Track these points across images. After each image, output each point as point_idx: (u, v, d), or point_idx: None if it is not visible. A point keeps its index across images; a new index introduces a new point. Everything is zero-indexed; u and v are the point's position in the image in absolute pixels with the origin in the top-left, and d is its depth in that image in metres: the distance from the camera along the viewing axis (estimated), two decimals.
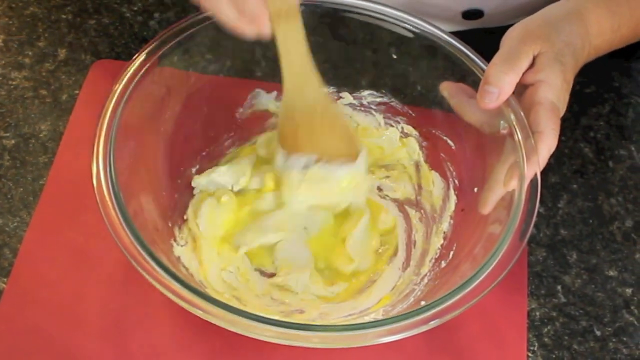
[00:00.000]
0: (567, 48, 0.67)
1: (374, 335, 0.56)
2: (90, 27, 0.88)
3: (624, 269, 0.75)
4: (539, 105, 0.64)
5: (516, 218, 0.61)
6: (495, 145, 0.68)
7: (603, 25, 0.71)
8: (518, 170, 0.63)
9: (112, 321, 0.68)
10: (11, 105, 0.81)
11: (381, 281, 0.71)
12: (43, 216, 0.73)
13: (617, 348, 0.71)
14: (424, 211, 0.76)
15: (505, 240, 0.60)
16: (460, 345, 0.69)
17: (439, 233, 0.73)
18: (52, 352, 0.67)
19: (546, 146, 0.64)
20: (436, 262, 0.70)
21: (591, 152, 0.83)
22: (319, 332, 0.57)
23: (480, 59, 0.70)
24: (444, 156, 0.76)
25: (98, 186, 0.60)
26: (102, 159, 0.61)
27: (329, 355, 0.67)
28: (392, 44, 0.76)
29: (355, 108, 0.80)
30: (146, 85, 0.67)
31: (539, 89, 0.65)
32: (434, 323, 0.57)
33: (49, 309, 0.68)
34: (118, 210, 0.59)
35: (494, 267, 0.59)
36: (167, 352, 0.67)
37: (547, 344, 0.70)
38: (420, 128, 0.78)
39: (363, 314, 0.68)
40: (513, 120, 0.65)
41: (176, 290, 0.56)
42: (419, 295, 0.67)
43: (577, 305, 0.73)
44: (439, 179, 0.76)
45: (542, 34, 0.67)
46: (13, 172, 0.76)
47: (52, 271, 0.70)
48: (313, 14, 0.74)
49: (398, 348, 0.68)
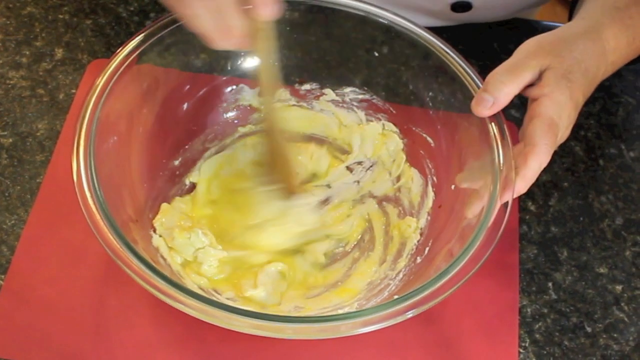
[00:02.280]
0: (578, 66, 0.67)
1: (348, 327, 0.57)
2: (87, 27, 0.88)
3: (614, 266, 0.76)
4: (537, 119, 0.64)
5: (491, 213, 0.62)
6: (471, 143, 0.69)
7: (620, 41, 0.70)
8: (512, 183, 0.63)
9: (110, 318, 0.68)
10: (8, 104, 0.81)
11: (357, 276, 0.72)
12: (40, 214, 0.73)
13: (607, 344, 0.71)
14: (403, 207, 0.76)
15: (479, 235, 0.61)
16: (453, 342, 0.70)
17: (416, 229, 0.73)
18: (49, 348, 0.67)
19: (537, 161, 0.63)
20: (412, 258, 0.71)
21: (582, 151, 0.83)
22: (293, 324, 0.57)
23: (458, 55, 0.71)
24: (423, 153, 0.77)
25: (78, 181, 0.61)
26: (82, 153, 0.62)
27: (323, 354, 0.68)
28: (374, 41, 0.77)
29: (337, 104, 0.81)
30: (126, 81, 0.68)
31: (541, 104, 0.64)
32: (409, 314, 0.58)
33: (46, 306, 0.69)
34: (97, 202, 0.60)
35: (468, 261, 0.60)
36: (162, 348, 0.68)
37: (539, 340, 0.71)
38: (400, 125, 0.79)
39: (337, 308, 0.68)
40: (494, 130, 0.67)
41: (150, 281, 0.57)
42: (393, 290, 0.68)
43: (567, 302, 0.73)
44: (417, 176, 0.77)
45: (553, 49, 0.67)
46: (10, 171, 0.77)
47: (49, 268, 0.70)
48: (296, 11, 0.75)
49: (390, 344, 0.69)
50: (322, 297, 0.69)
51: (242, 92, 0.80)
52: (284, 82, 0.80)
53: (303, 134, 0.81)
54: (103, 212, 0.60)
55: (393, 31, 0.74)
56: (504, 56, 0.68)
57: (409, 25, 0.73)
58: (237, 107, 0.80)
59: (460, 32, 0.90)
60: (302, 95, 0.81)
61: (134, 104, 0.70)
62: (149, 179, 0.72)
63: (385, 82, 0.79)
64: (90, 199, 0.60)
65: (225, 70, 0.78)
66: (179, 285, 0.57)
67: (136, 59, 0.69)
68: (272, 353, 0.68)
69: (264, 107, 0.70)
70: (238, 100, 0.80)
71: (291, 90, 0.81)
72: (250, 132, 0.80)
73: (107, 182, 0.62)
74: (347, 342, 0.68)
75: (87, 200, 0.60)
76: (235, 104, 0.80)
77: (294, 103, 0.81)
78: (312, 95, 0.81)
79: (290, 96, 0.81)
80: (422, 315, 0.70)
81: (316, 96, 0.81)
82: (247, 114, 0.80)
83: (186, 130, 0.69)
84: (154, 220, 0.71)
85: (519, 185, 0.63)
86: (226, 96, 0.79)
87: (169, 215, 0.71)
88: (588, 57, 0.68)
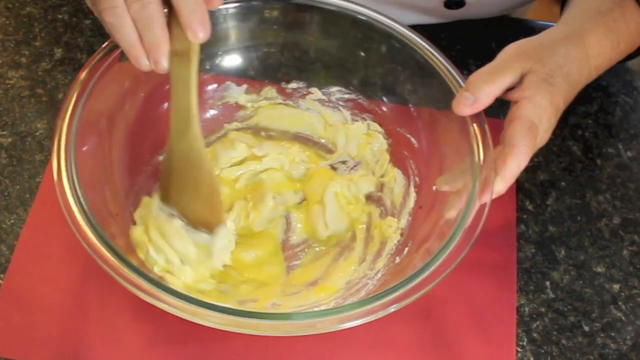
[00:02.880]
0: (560, 70, 0.67)
1: (324, 324, 0.57)
2: (86, 27, 0.89)
3: (611, 265, 0.76)
4: (517, 121, 0.64)
5: (469, 212, 0.63)
6: (453, 143, 0.70)
7: (603, 45, 0.71)
8: (490, 186, 0.63)
9: (110, 316, 0.69)
10: (8, 104, 0.81)
11: (335, 274, 0.72)
12: (39, 213, 0.74)
13: (605, 343, 0.71)
14: (385, 207, 0.76)
15: (456, 234, 0.62)
16: (450, 341, 0.70)
17: (397, 229, 0.73)
18: (49, 347, 0.67)
19: (515, 162, 0.63)
20: (391, 258, 0.71)
21: (579, 150, 0.83)
22: (271, 321, 0.57)
23: (443, 55, 0.72)
24: (407, 154, 0.77)
25: (58, 179, 0.61)
26: (63, 150, 0.63)
27: (317, 353, 0.68)
28: (360, 41, 0.77)
29: (324, 104, 0.81)
30: (108, 79, 0.68)
31: (521, 106, 0.65)
32: (381, 313, 0.58)
33: (45, 305, 0.69)
34: (75, 197, 0.60)
35: (445, 260, 0.61)
36: (165, 346, 0.68)
37: (536, 339, 0.71)
38: (385, 125, 0.79)
39: (314, 306, 0.68)
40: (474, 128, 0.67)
41: (127, 276, 0.58)
42: (371, 289, 0.68)
43: (565, 301, 0.73)
44: (400, 176, 0.77)
45: (535, 53, 0.67)
46: (10, 170, 0.77)
47: (48, 267, 0.71)
48: (282, 10, 0.76)
49: (388, 343, 0.69)
50: (300, 295, 0.69)
51: (229, 89, 0.80)
52: (271, 80, 0.81)
53: (289, 133, 0.81)
54: (82, 210, 0.60)
55: (378, 31, 0.75)
56: None
57: (393, 25, 0.74)
58: (223, 104, 0.80)
59: (458, 32, 0.90)
60: (288, 94, 0.81)
61: (116, 101, 0.71)
62: (131, 174, 0.72)
63: (372, 81, 0.80)
64: (71, 196, 0.61)
65: (208, 67, 0.79)
66: (155, 281, 0.58)
67: (118, 56, 0.69)
68: (256, 352, 0.68)
69: (175, 148, 0.65)
70: (224, 97, 0.80)
71: (278, 89, 0.81)
72: (236, 128, 0.80)
73: (87, 177, 0.63)
74: (343, 342, 0.69)
75: (67, 197, 0.61)
76: (221, 102, 0.80)
77: (280, 101, 0.81)
78: (299, 94, 0.81)
79: (277, 94, 0.81)
80: (419, 314, 0.71)
81: (302, 95, 0.81)
82: (233, 111, 0.81)
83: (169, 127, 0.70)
84: (134, 212, 0.71)
85: (498, 186, 0.63)
86: (210, 94, 0.80)
87: (149, 207, 0.71)
88: (570, 62, 0.68)
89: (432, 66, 0.72)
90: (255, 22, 0.78)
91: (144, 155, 0.75)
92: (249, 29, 0.78)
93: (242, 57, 0.80)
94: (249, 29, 0.78)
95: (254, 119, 0.81)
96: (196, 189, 0.67)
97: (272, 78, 0.81)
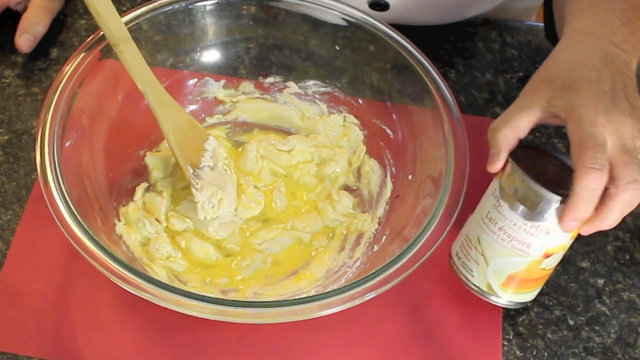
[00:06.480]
0: (569, 71, 0.63)
1: (305, 311, 0.59)
2: (80, 27, 0.89)
3: (596, 260, 0.76)
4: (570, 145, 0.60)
5: (443, 200, 0.64)
6: (427, 134, 0.71)
7: (612, 24, 0.66)
8: None
9: (105, 311, 0.69)
10: (4, 102, 0.82)
11: (315, 263, 0.73)
12: (35, 209, 0.74)
13: (589, 337, 0.72)
14: (362, 198, 0.77)
15: (432, 221, 0.63)
16: (436, 334, 0.70)
17: (374, 219, 0.74)
18: (45, 341, 0.67)
19: (578, 185, 0.59)
20: (369, 246, 0.72)
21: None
22: (253, 309, 0.59)
23: (416, 48, 0.73)
24: (382, 144, 0.78)
25: (42, 172, 0.63)
26: (47, 146, 0.64)
27: (307, 343, 0.69)
28: (332, 34, 0.79)
29: (300, 97, 0.82)
30: (90, 76, 0.69)
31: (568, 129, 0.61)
32: (359, 300, 0.60)
33: (41, 300, 0.69)
34: (60, 193, 0.62)
35: (422, 246, 0.62)
36: (159, 341, 0.68)
37: (522, 333, 0.71)
38: (361, 117, 0.80)
39: (295, 294, 0.69)
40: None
41: (111, 268, 0.59)
42: (350, 277, 0.69)
43: (551, 295, 0.74)
44: (377, 167, 0.78)
45: (542, 81, 0.64)
46: (6, 167, 0.77)
47: (44, 263, 0.71)
48: (258, 5, 0.78)
49: (375, 337, 0.70)
50: (281, 284, 0.70)
51: (207, 84, 0.81)
52: (248, 75, 0.82)
53: (268, 126, 0.82)
54: (66, 204, 0.61)
55: (353, 25, 0.76)
56: (488, 55, 0.68)
57: (368, 19, 0.75)
58: (202, 99, 0.81)
59: (445, 33, 0.91)
60: (265, 88, 0.82)
61: (97, 97, 0.72)
62: (114, 169, 0.73)
63: (347, 74, 0.81)
64: (55, 191, 0.62)
65: (186, 63, 0.80)
66: (137, 272, 0.59)
67: (99, 54, 0.70)
68: (244, 341, 0.69)
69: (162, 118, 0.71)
70: (203, 92, 0.81)
71: (255, 84, 0.82)
72: (218, 122, 0.81)
73: (71, 172, 0.64)
74: (333, 336, 0.69)
75: (51, 191, 0.62)
76: (200, 97, 0.81)
77: (257, 96, 0.82)
78: (276, 88, 0.82)
79: (255, 89, 0.82)
80: (407, 309, 0.71)
81: (279, 89, 0.82)
82: (212, 106, 0.82)
83: (151, 123, 0.70)
84: (119, 208, 0.72)
85: (572, 214, 0.60)
86: (189, 89, 0.81)
87: (133, 205, 0.73)
88: (574, 47, 0.66)
89: (408, 60, 0.73)
90: (232, 18, 0.79)
91: (126, 150, 0.76)
92: (226, 25, 0.80)
93: (220, 52, 0.81)
94: (226, 25, 0.80)
95: (233, 113, 0.82)
96: (183, 131, 0.71)
97: (249, 73, 0.82)
